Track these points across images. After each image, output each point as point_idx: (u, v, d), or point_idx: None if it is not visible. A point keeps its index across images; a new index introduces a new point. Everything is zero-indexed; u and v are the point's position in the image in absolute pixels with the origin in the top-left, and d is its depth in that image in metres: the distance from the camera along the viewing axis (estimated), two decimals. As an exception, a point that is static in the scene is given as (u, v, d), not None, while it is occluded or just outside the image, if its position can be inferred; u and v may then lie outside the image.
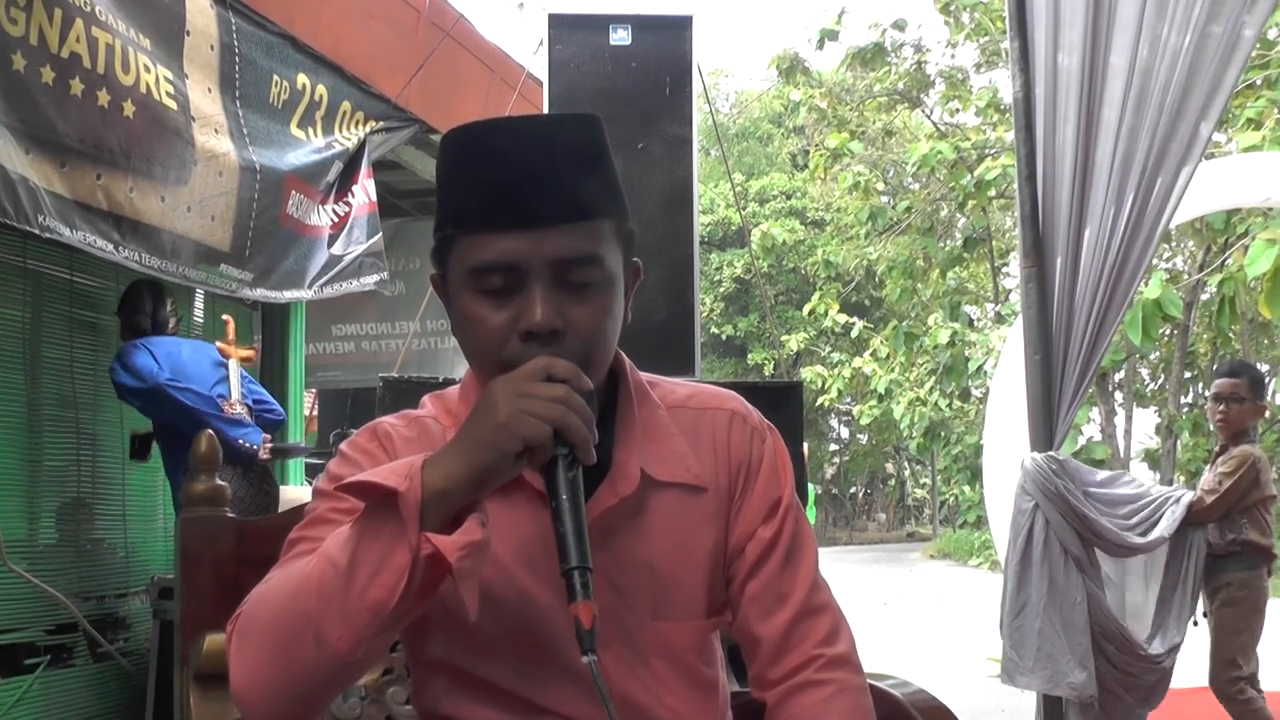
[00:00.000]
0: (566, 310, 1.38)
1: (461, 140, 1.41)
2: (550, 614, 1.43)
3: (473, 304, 1.40)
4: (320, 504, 1.45)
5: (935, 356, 18.37)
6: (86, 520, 5.65)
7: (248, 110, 5.02)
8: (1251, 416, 5.38)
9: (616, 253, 1.44)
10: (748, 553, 1.53)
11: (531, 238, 1.36)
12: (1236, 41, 4.23)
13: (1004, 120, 17.99)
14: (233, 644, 1.36)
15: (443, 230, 1.43)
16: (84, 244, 4.04)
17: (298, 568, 1.33)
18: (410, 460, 1.28)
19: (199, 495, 1.91)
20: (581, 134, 1.41)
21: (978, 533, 24.32)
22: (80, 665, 5.37)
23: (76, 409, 5.48)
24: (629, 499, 1.47)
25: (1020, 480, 4.55)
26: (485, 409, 1.29)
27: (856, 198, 18.37)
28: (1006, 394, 8.08)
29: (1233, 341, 17.76)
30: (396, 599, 1.24)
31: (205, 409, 4.99)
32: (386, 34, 6.15)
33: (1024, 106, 4.63)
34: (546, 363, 1.31)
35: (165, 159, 4.44)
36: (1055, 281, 4.51)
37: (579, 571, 1.25)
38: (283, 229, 5.32)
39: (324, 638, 1.26)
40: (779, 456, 1.58)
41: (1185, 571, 4.81)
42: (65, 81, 3.97)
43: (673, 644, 1.50)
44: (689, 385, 1.63)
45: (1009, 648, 4.50)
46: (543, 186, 1.36)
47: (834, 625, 1.53)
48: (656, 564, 1.49)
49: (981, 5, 16.95)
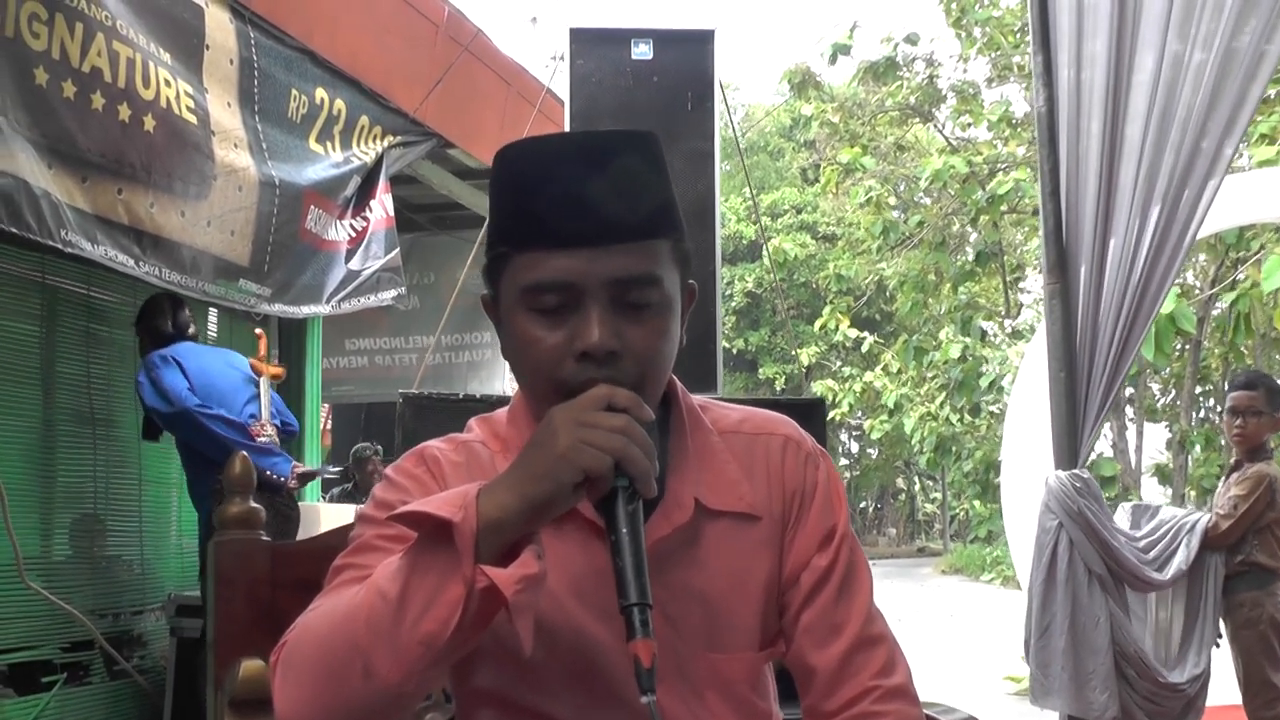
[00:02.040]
0: (623, 331, 1.35)
1: (517, 156, 1.38)
2: (604, 648, 1.40)
3: (526, 324, 1.37)
4: (366, 530, 1.42)
5: (946, 371, 18.30)
6: (101, 536, 5.63)
7: (267, 124, 5.00)
8: (1270, 430, 5.26)
9: (674, 273, 1.41)
10: (802, 582, 1.49)
11: (588, 256, 1.33)
12: (1261, 57, 4.20)
13: (1015, 135, 17.97)
14: (278, 673, 1.32)
15: (495, 248, 1.40)
16: (105, 259, 4.02)
17: (346, 597, 1.29)
18: (464, 490, 1.24)
19: (233, 518, 1.88)
20: (640, 151, 1.38)
21: (989, 548, 24.22)
22: (97, 683, 5.34)
23: (93, 425, 5.46)
24: (682, 528, 1.43)
25: (1044, 498, 4.51)
26: (544, 438, 1.25)
27: (868, 212, 18.31)
28: (1025, 410, 8.06)
29: (1245, 357, 17.68)
30: (450, 633, 1.20)
31: (235, 437, 4.89)
32: (404, 48, 6.13)
33: (1047, 121, 4.60)
34: (608, 392, 1.28)
35: (185, 173, 4.42)
36: (1079, 297, 4.48)
37: (638, 608, 1.21)
38: (301, 244, 5.30)
39: (373, 670, 1.22)
40: (833, 483, 1.55)
41: (1205, 597, 4.76)
42: (86, 95, 3.96)
43: (726, 676, 1.46)
44: (741, 409, 1.59)
45: (1035, 668, 4.47)
46: (601, 204, 1.33)
47: (890, 656, 1.49)
48: (710, 594, 1.45)
49: (993, 19, 16.93)
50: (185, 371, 4.93)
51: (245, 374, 5.25)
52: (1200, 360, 18.24)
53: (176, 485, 5.95)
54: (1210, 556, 4.76)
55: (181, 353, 5.03)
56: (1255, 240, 12.58)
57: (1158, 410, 21.34)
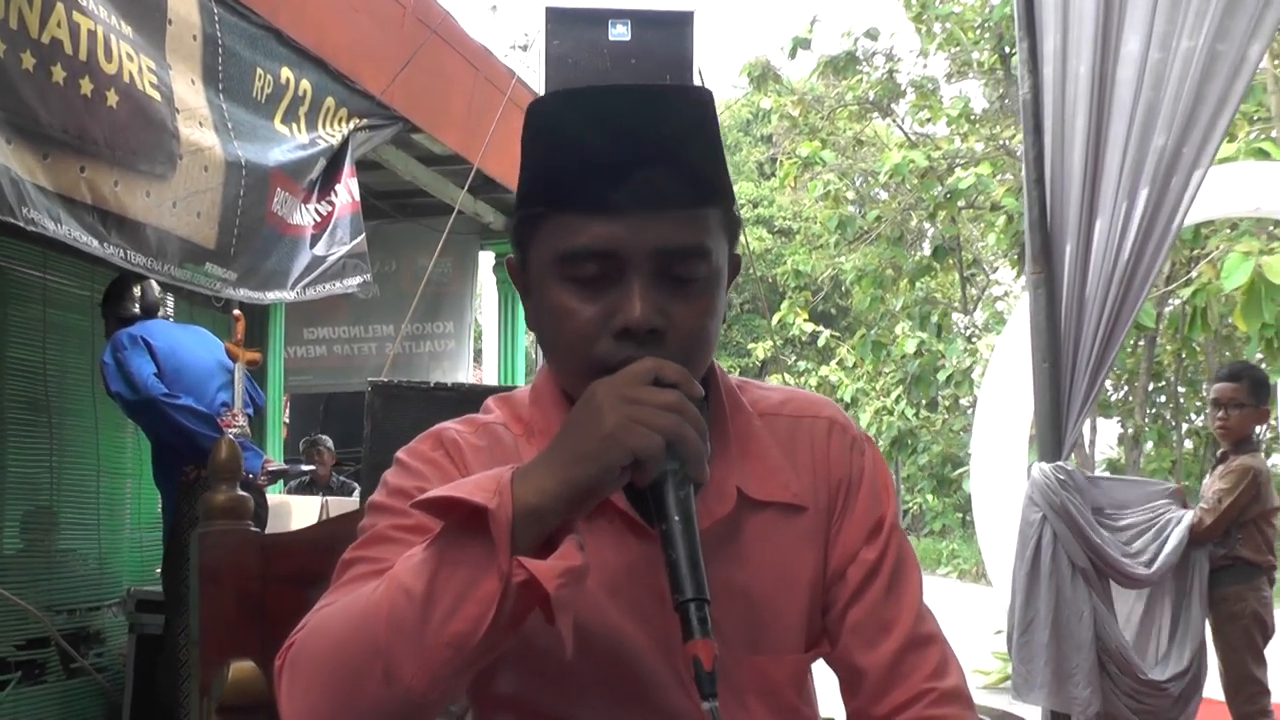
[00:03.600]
0: (668, 308, 1.23)
1: (558, 106, 1.25)
2: (640, 650, 1.29)
3: (560, 294, 1.25)
4: (380, 520, 1.29)
5: (903, 366, 18.31)
6: (56, 529, 5.46)
7: (232, 104, 4.84)
8: (1253, 422, 5.21)
9: (723, 244, 1.29)
10: (849, 577, 1.38)
11: (634, 223, 1.21)
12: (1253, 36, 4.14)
13: (974, 131, 18.02)
14: (284, 677, 1.19)
15: (528, 207, 1.27)
16: (69, 239, 3.85)
17: (363, 594, 1.15)
18: (496, 473, 1.11)
19: (220, 507, 1.74)
20: (694, 109, 1.25)
21: (944, 542, 24.35)
22: (53, 681, 5.20)
23: (49, 413, 5.29)
24: (723, 520, 1.32)
25: (1028, 491, 4.46)
26: (586, 416, 1.12)
27: (826, 206, 18.31)
28: (996, 403, 8.03)
29: (1198, 353, 17.82)
30: (482, 633, 1.07)
31: (203, 430, 4.63)
32: (372, 28, 5.99)
33: (1033, 109, 4.53)
34: (655, 365, 1.15)
35: (150, 152, 4.25)
36: (1064, 286, 4.41)
37: (695, 604, 1.08)
38: (267, 227, 5.13)
39: (395, 674, 1.09)
40: (879, 470, 1.44)
41: (1190, 594, 4.68)
42: (46, 68, 3.78)
43: (770, 679, 1.35)
44: (781, 389, 1.48)
45: (1018, 662, 4.41)
46: (651, 165, 1.20)
47: (944, 657, 1.38)
48: (753, 592, 1.33)
49: (953, 15, 16.96)
50: (155, 353, 4.69)
51: (219, 359, 5.02)
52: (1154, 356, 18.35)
53: (133, 476, 5.79)
54: (1195, 552, 4.68)
55: (152, 331, 4.79)
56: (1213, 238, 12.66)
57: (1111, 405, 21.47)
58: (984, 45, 17.67)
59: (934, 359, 17.18)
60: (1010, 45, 16.85)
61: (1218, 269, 10.79)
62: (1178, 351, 18.02)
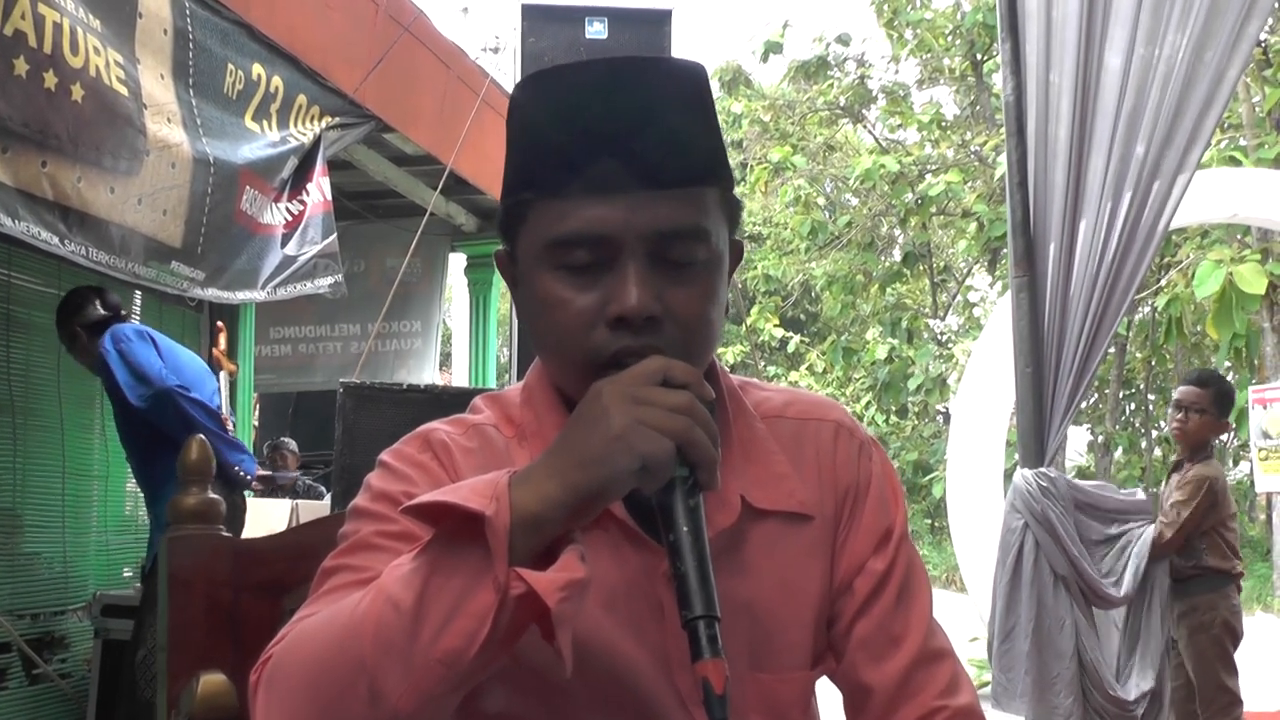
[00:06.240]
0: (665, 293, 1.16)
1: (542, 86, 1.18)
2: (639, 667, 1.21)
3: (551, 284, 1.17)
4: (363, 526, 1.20)
5: (873, 372, 18.35)
6: (20, 532, 5.33)
7: (201, 100, 4.73)
8: (1211, 431, 5.18)
9: (722, 227, 1.22)
10: (856, 588, 1.31)
11: (626, 205, 1.14)
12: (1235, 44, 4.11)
13: (945, 137, 18.07)
14: (259, 694, 1.10)
15: (514, 195, 1.20)
16: (28, 236, 3.73)
17: (347, 606, 1.07)
18: (492, 478, 1.03)
19: (189, 510, 1.66)
20: (687, 84, 1.18)
21: (914, 548, 24.44)
22: (15, 688, 5.08)
23: (13, 413, 5.17)
24: (727, 531, 1.24)
25: (1010, 498, 4.42)
26: (592, 417, 1.04)
27: (797, 212, 18.32)
28: (971, 409, 8.01)
29: (1168, 360, 17.93)
30: (476, 649, 0.99)
31: (213, 427, 4.51)
32: (344, 25, 5.90)
33: (1015, 110, 4.50)
34: (663, 364, 1.07)
35: (115, 148, 4.15)
36: (1047, 290, 4.36)
37: (705, 621, 1.00)
38: (236, 226, 5.03)
39: (381, 692, 1.01)
40: (888, 477, 1.36)
41: (1150, 608, 4.62)
42: (9, 61, 3.67)
43: (775, 698, 1.28)
44: (784, 390, 1.40)
45: (998, 671, 4.37)
46: (642, 143, 1.13)
47: (955, 674, 1.31)
48: (757, 606, 1.26)
49: (925, 22, 17.02)
50: (158, 347, 4.56)
51: (204, 366, 4.95)
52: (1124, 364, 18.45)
53: (100, 478, 5.67)
54: (1155, 569, 4.62)
55: (151, 331, 4.67)
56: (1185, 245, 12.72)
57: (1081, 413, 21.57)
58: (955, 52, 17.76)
59: (904, 365, 17.23)
60: (981, 52, 16.95)
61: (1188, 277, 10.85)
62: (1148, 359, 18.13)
